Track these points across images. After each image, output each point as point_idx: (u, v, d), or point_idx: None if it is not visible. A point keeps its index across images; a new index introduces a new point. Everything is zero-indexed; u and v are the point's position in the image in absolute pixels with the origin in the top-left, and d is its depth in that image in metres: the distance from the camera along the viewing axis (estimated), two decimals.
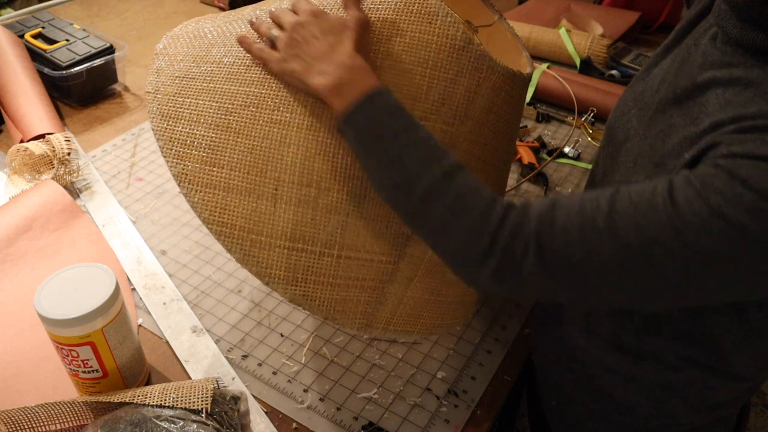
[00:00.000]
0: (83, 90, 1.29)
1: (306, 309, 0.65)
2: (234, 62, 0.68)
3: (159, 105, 0.68)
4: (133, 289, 0.89)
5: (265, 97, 0.65)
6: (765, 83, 0.51)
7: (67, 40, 1.30)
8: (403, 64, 0.64)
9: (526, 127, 1.28)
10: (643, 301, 0.54)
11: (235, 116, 0.65)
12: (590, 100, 1.30)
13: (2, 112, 1.20)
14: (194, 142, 0.65)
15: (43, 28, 1.34)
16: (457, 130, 0.66)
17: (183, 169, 0.64)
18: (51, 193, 0.99)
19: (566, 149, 1.21)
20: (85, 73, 1.26)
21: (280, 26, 0.64)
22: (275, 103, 0.64)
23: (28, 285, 0.88)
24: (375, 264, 0.66)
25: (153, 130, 0.67)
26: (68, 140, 1.06)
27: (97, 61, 1.27)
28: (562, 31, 1.52)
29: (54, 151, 1.04)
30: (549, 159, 1.18)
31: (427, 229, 0.58)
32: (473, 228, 0.55)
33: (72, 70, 1.24)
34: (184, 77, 0.69)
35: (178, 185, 0.64)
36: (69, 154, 1.05)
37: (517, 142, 1.21)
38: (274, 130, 0.64)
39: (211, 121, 0.65)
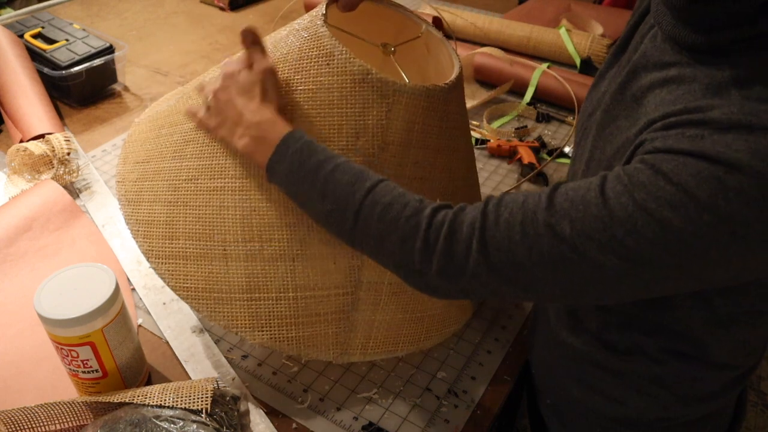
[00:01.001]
0: (83, 90, 1.29)
1: (277, 349, 0.69)
2: (177, 140, 0.74)
3: (125, 192, 0.75)
4: (133, 289, 0.89)
5: (202, 169, 0.71)
6: (695, 80, 0.52)
7: (67, 40, 1.30)
8: (310, 110, 0.68)
9: (526, 127, 1.28)
10: (583, 296, 0.54)
11: (181, 191, 0.71)
12: None
13: (2, 112, 1.20)
14: (154, 220, 0.72)
15: (42, 28, 1.34)
16: (380, 159, 0.68)
17: (150, 246, 0.71)
18: (51, 193, 0.99)
19: (566, 149, 1.21)
20: (85, 73, 1.26)
21: (207, 92, 0.70)
22: (210, 172, 0.70)
23: (28, 285, 0.88)
24: (332, 298, 0.70)
25: (122, 215, 0.74)
26: (68, 140, 1.06)
27: (97, 61, 1.27)
28: (562, 31, 1.52)
29: (54, 151, 1.04)
30: (549, 159, 1.18)
31: (369, 248, 0.60)
32: (405, 234, 0.56)
33: (72, 70, 1.24)
34: (142, 161, 0.76)
35: (147, 261, 0.71)
36: (69, 154, 1.05)
37: (517, 142, 1.21)
38: (214, 197, 0.70)
39: (165, 198, 0.72)
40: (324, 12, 0.70)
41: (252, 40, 0.68)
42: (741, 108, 0.47)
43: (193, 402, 0.64)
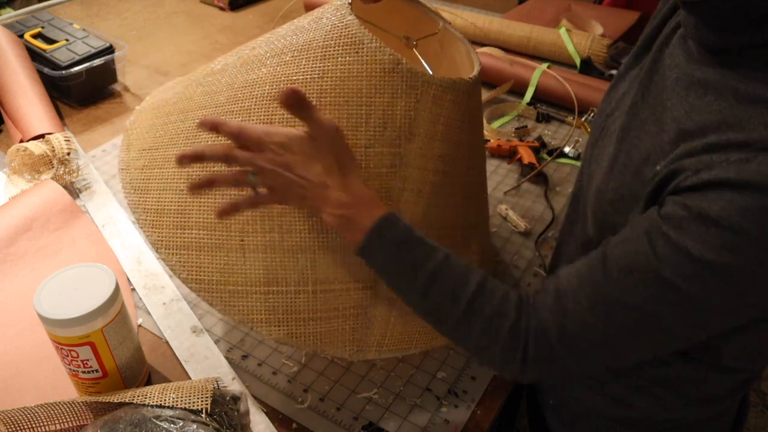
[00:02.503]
0: (83, 90, 1.29)
1: (293, 346, 0.67)
2: (189, 126, 0.71)
3: (131, 180, 0.72)
4: (133, 289, 0.89)
5: None
6: (724, 86, 0.51)
7: (67, 40, 1.30)
8: (338, 98, 0.65)
9: (526, 127, 1.28)
10: (664, 348, 0.58)
11: (196, 179, 0.66)
12: (590, 100, 1.30)
13: (2, 112, 1.20)
14: (164, 209, 0.68)
15: (42, 27, 1.34)
16: (405, 150, 0.67)
17: (159, 236, 0.68)
18: (51, 193, 0.99)
19: (566, 149, 1.21)
20: (85, 73, 1.26)
21: (256, 168, 0.58)
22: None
23: (28, 285, 0.88)
24: (352, 293, 0.68)
25: (128, 204, 0.71)
26: (68, 140, 1.06)
27: (97, 61, 1.27)
28: (562, 31, 1.52)
29: (54, 151, 1.04)
30: (549, 159, 1.17)
31: (464, 348, 0.63)
32: (506, 350, 0.58)
33: (72, 69, 1.24)
34: (149, 148, 0.73)
35: (156, 252, 0.67)
36: (69, 154, 1.05)
37: (517, 142, 1.21)
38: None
39: (176, 186, 0.69)
40: (350, 1, 0.70)
41: (299, 105, 0.56)
42: None
43: (193, 402, 0.64)
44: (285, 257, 0.66)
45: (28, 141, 1.06)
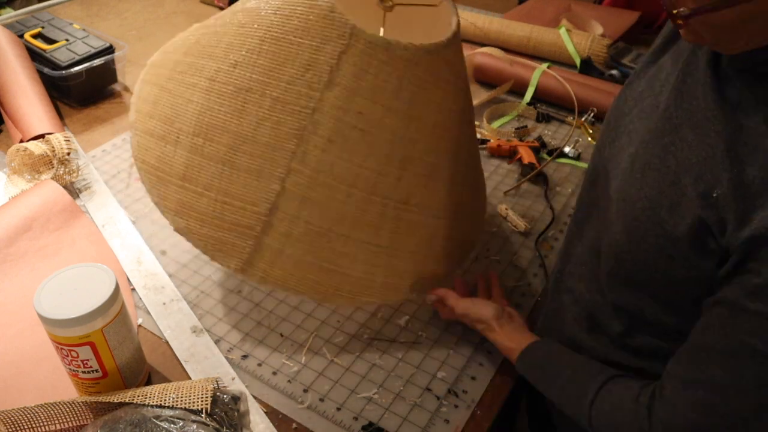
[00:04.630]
0: (83, 90, 1.29)
1: (189, 241, 0.74)
2: (198, 40, 0.79)
3: (144, 74, 0.83)
4: (133, 289, 0.89)
5: (193, 69, 0.76)
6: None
7: (67, 40, 1.30)
8: (279, 33, 0.71)
9: (526, 127, 1.28)
10: None
11: (175, 81, 0.77)
12: (590, 100, 1.30)
13: (2, 112, 1.20)
14: (148, 99, 0.79)
15: (42, 27, 1.34)
16: (323, 96, 0.70)
17: (136, 119, 0.79)
18: (51, 193, 0.99)
19: (566, 149, 1.21)
20: (85, 73, 1.26)
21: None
22: (198, 73, 0.76)
23: (28, 285, 0.88)
24: (248, 213, 0.73)
25: (132, 101, 0.81)
26: (68, 140, 1.06)
27: (97, 61, 1.27)
28: (562, 31, 1.52)
29: (54, 151, 1.04)
30: (549, 159, 1.17)
31: None
32: None
33: (72, 69, 1.24)
34: (163, 71, 0.81)
35: (131, 131, 0.79)
36: (69, 154, 1.05)
37: (517, 142, 1.21)
38: (188, 91, 0.75)
39: (162, 84, 0.79)
40: None
41: (440, 302, 0.82)
42: None
43: (193, 402, 0.64)
44: (201, 161, 0.73)
45: (28, 141, 1.06)
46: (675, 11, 0.51)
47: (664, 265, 0.59)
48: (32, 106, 1.15)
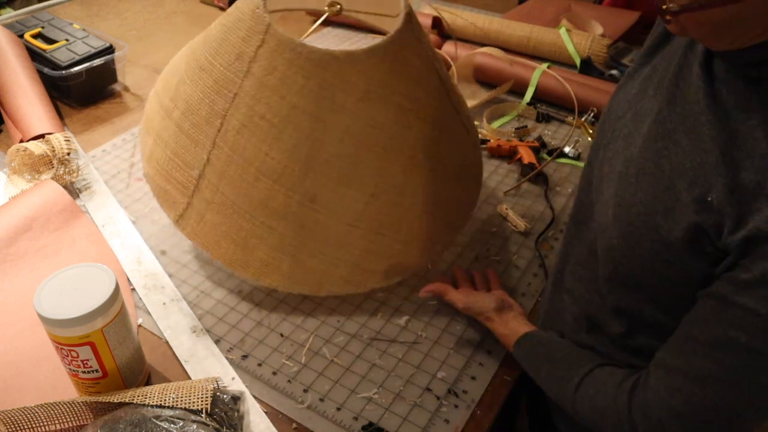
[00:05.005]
0: (83, 90, 1.29)
1: (148, 184, 0.87)
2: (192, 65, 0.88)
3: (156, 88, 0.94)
4: (133, 289, 0.89)
5: (189, 47, 0.90)
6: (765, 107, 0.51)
7: (67, 40, 1.30)
8: (225, 25, 0.82)
9: (526, 127, 1.28)
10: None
11: (183, 63, 0.88)
12: (590, 100, 1.30)
13: (2, 112, 1.20)
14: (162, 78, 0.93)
15: (42, 27, 1.34)
16: (244, 85, 0.77)
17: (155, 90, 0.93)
18: (51, 193, 0.99)
19: (566, 149, 1.21)
20: (85, 73, 1.26)
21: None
22: (190, 50, 0.88)
23: (28, 285, 0.88)
24: (184, 171, 0.82)
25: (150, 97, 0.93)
26: (68, 140, 1.06)
27: (97, 61, 1.27)
28: (562, 31, 1.52)
29: (54, 151, 1.04)
30: (549, 159, 1.17)
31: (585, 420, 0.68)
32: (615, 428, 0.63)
33: (72, 69, 1.24)
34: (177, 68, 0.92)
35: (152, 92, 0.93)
36: (69, 154, 1.05)
37: (517, 142, 1.21)
38: (180, 66, 0.88)
39: (171, 65, 0.93)
40: None
41: (436, 295, 0.86)
42: None
43: (193, 402, 0.64)
44: (169, 121, 0.85)
45: (28, 141, 1.06)
46: (664, 6, 0.51)
47: (661, 268, 0.59)
48: (32, 106, 1.15)
